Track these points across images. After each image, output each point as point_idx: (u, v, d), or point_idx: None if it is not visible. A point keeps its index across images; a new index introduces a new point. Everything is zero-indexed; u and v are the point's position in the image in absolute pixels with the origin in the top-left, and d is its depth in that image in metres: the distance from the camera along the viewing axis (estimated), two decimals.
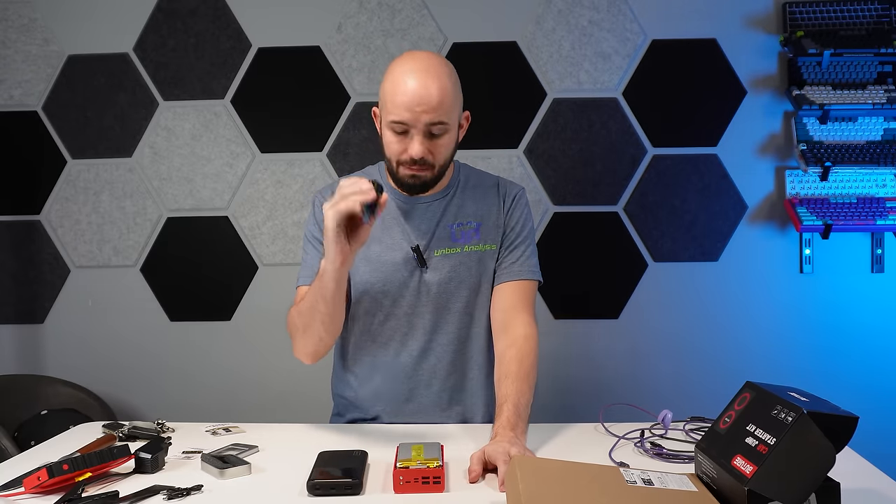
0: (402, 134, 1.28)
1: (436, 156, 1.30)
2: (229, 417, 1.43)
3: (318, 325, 1.29)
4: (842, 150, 2.12)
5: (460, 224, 1.41)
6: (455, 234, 1.40)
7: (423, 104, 1.24)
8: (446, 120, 1.27)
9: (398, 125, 1.27)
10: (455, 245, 1.40)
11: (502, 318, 1.38)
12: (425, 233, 1.40)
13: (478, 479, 1.05)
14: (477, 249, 1.40)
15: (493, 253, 1.41)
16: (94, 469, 1.03)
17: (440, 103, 1.25)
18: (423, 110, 1.25)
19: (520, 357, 1.30)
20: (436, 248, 1.39)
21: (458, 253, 1.40)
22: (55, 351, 2.31)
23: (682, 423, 1.29)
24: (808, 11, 2.15)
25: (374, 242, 1.40)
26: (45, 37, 2.28)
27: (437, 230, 1.40)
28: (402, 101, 1.25)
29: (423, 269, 1.39)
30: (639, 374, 2.22)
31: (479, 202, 1.43)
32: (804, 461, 0.83)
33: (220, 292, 2.29)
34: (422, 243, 1.39)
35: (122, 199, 2.28)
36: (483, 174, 1.49)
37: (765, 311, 2.20)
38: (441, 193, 1.42)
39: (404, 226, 1.40)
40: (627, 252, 2.23)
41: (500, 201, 1.44)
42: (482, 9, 2.21)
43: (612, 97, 2.21)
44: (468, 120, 1.40)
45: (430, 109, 1.25)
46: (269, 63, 2.25)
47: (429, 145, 1.28)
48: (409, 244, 1.39)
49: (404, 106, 1.25)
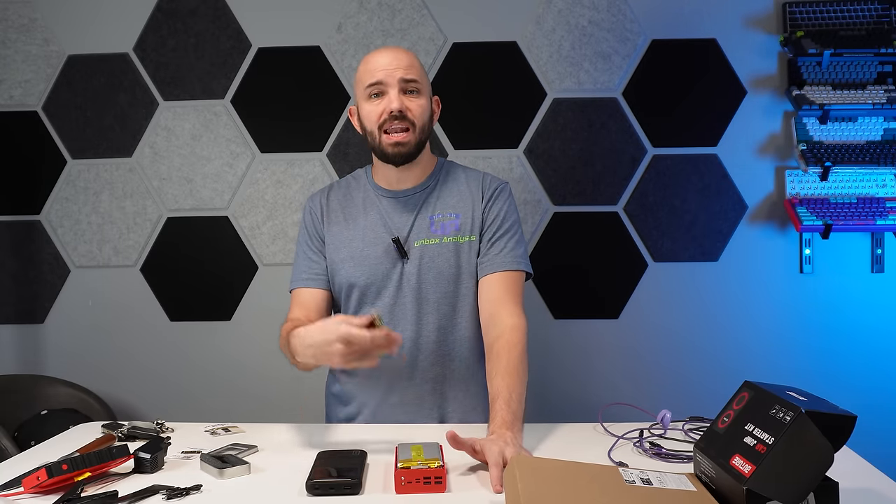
0: (379, 97, 1.37)
1: (413, 113, 1.37)
2: (229, 417, 1.44)
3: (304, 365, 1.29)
4: (842, 150, 2.12)
5: (440, 215, 1.43)
6: (434, 225, 1.42)
7: (395, 62, 1.37)
8: (418, 79, 1.38)
9: (374, 87, 1.37)
10: (433, 236, 1.42)
11: (489, 310, 1.39)
12: (405, 224, 1.43)
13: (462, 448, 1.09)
14: (455, 241, 1.42)
15: (472, 245, 1.43)
16: (93, 469, 1.03)
17: (410, 63, 1.38)
18: (396, 66, 1.36)
19: (507, 349, 1.30)
20: (415, 239, 1.42)
21: (437, 244, 1.41)
22: (55, 351, 2.31)
23: (681, 423, 1.29)
24: (808, 11, 2.15)
25: (356, 237, 1.44)
26: (45, 37, 2.28)
27: (417, 220, 1.43)
28: (375, 65, 1.37)
29: (403, 260, 1.41)
30: (638, 374, 2.22)
31: (459, 195, 1.46)
32: (802, 460, 0.83)
33: (220, 292, 2.29)
34: (402, 234, 1.42)
35: (122, 199, 2.28)
36: (468, 169, 1.52)
37: (765, 311, 2.20)
38: (421, 186, 1.46)
39: (385, 218, 1.44)
40: (627, 252, 2.23)
41: (480, 195, 1.46)
42: (482, 9, 2.21)
43: (612, 97, 2.21)
44: (439, 105, 1.49)
45: (402, 66, 1.36)
46: (269, 63, 2.25)
47: (406, 100, 1.36)
48: (389, 236, 1.41)
49: (378, 68, 1.37)
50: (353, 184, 1.52)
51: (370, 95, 1.38)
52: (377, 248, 1.42)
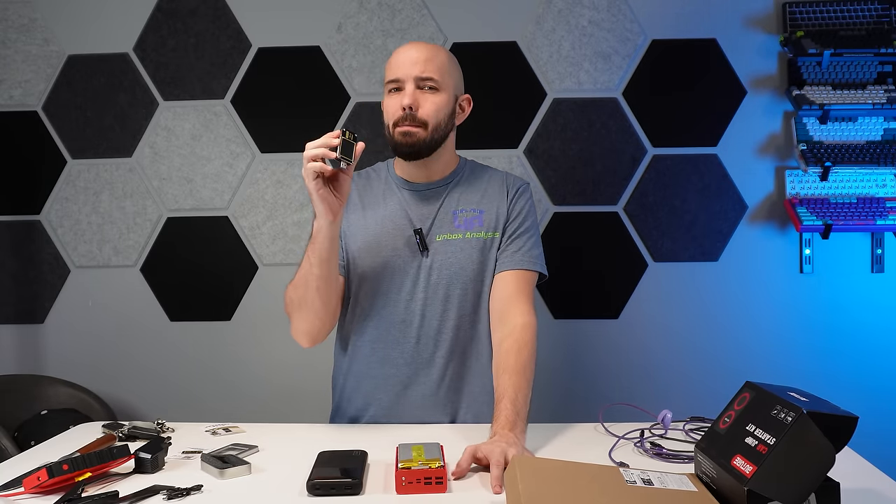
0: (397, 92, 1.37)
1: (425, 110, 1.35)
2: (229, 417, 1.43)
3: (314, 295, 1.31)
4: (842, 150, 2.12)
5: (463, 210, 1.42)
6: (457, 220, 1.41)
7: (413, 59, 1.36)
8: (436, 77, 1.36)
9: (392, 83, 1.37)
10: (457, 231, 1.41)
11: (500, 308, 1.38)
12: (427, 217, 1.42)
13: (463, 475, 1.05)
14: (479, 237, 1.41)
15: (495, 241, 1.42)
16: (93, 469, 1.03)
17: (429, 59, 1.36)
18: (412, 63, 1.36)
19: (517, 348, 1.30)
20: (437, 233, 1.41)
21: (460, 239, 1.40)
22: (55, 351, 2.31)
23: (682, 423, 1.29)
24: (808, 11, 2.15)
25: (374, 226, 1.42)
26: (45, 37, 2.28)
27: (439, 214, 1.42)
28: (396, 61, 1.38)
29: (423, 253, 1.40)
30: (639, 374, 2.22)
31: (483, 191, 1.45)
32: (804, 461, 0.83)
33: (220, 292, 2.29)
34: (423, 227, 1.40)
35: (122, 199, 2.28)
36: (490, 168, 1.52)
37: (765, 311, 2.20)
38: (444, 180, 1.44)
39: (406, 210, 1.42)
40: (627, 252, 2.23)
41: (504, 191, 1.45)
42: (482, 9, 2.21)
43: (612, 97, 2.21)
44: (469, 103, 1.46)
45: (419, 62, 1.35)
46: (269, 63, 2.25)
47: (418, 97, 1.35)
48: (410, 227, 1.40)
49: (397, 64, 1.37)
50: (373, 175, 1.51)
51: (390, 91, 1.39)
52: (396, 238, 1.40)
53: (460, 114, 1.44)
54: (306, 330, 1.37)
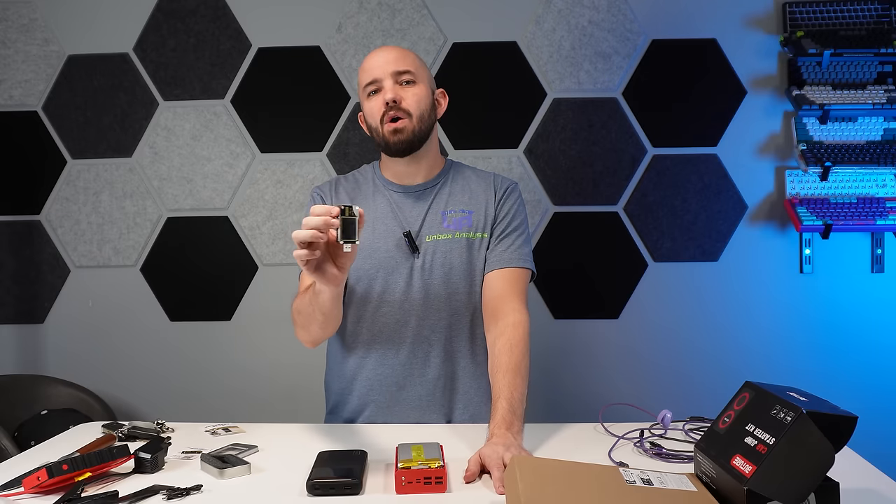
0: (377, 93, 1.40)
1: (408, 101, 1.38)
2: (229, 417, 1.43)
3: (317, 328, 1.33)
4: (842, 150, 2.12)
5: (452, 211, 1.44)
6: (446, 220, 1.43)
7: (386, 58, 1.40)
8: (412, 69, 1.40)
9: (371, 85, 1.40)
10: (446, 231, 1.42)
11: (492, 307, 1.38)
12: (416, 217, 1.43)
13: (473, 479, 1.05)
14: (468, 237, 1.42)
15: (483, 241, 1.43)
16: (93, 469, 1.03)
17: (402, 56, 1.41)
18: (387, 61, 1.39)
19: (509, 347, 1.30)
20: (427, 234, 1.42)
21: (449, 239, 1.42)
22: (55, 351, 2.31)
23: (682, 423, 1.29)
24: (808, 11, 2.15)
25: (367, 231, 1.43)
26: (45, 37, 2.28)
27: (429, 215, 1.43)
28: (369, 65, 1.41)
29: (414, 255, 1.41)
30: (639, 374, 2.22)
31: (471, 191, 1.46)
32: (803, 461, 0.83)
33: (220, 292, 2.29)
34: (413, 229, 1.42)
35: (122, 199, 2.28)
36: (477, 170, 1.53)
37: (765, 311, 2.20)
38: (432, 181, 1.46)
39: (396, 213, 1.43)
40: (627, 252, 2.23)
41: (492, 192, 1.47)
42: (482, 9, 2.21)
43: (612, 97, 2.21)
44: (445, 97, 1.50)
45: (394, 60, 1.39)
46: (269, 63, 2.25)
47: (399, 90, 1.38)
48: (400, 229, 1.41)
49: (371, 66, 1.40)
50: (360, 178, 1.52)
51: (368, 94, 1.41)
52: (387, 241, 1.41)
53: (438, 107, 1.48)
54: (310, 340, 1.38)
